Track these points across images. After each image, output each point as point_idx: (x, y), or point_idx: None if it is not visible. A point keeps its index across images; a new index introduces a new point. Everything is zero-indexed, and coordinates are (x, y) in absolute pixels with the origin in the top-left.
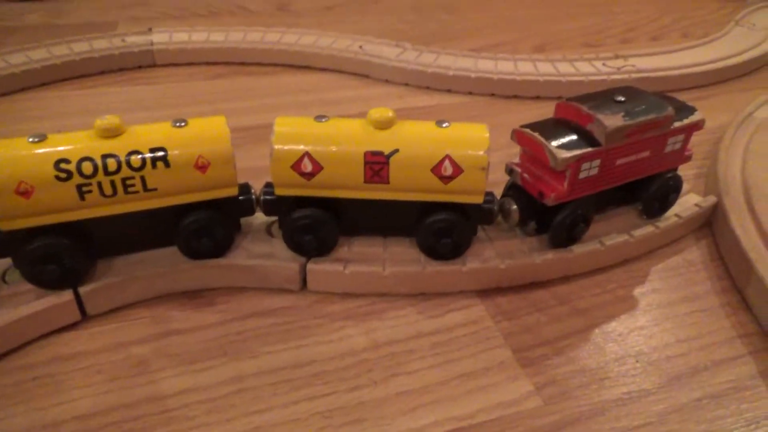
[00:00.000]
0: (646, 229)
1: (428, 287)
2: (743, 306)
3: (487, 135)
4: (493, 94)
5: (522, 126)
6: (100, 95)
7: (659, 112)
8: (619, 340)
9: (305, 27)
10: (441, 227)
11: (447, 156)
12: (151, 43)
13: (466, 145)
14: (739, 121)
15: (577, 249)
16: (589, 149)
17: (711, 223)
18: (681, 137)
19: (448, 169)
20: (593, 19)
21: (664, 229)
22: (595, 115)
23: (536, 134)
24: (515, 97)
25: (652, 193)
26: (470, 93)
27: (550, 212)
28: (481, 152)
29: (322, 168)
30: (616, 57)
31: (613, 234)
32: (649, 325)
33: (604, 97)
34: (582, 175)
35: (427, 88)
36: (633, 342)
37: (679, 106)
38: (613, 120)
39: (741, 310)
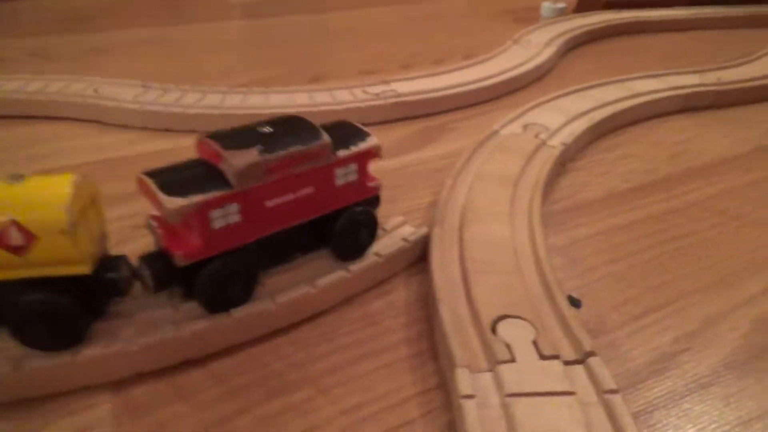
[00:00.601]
0: (334, 276)
1: (30, 391)
2: (433, 354)
3: (69, 190)
4: None
5: (145, 171)
6: None
7: (307, 143)
8: (283, 420)
9: (60, 73)
10: (33, 309)
11: (12, 222)
12: None
13: (39, 206)
14: (481, 140)
15: (239, 312)
16: (215, 193)
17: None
18: (353, 167)
19: (16, 238)
20: (376, 49)
21: (359, 272)
22: (223, 152)
23: (150, 181)
24: None
25: (337, 232)
26: None
27: (195, 273)
28: (57, 213)
29: None
30: (381, 83)
31: (293, 287)
32: (331, 388)
33: (248, 129)
34: (217, 225)
35: (166, 130)
36: (306, 415)
37: (350, 134)
38: (244, 157)
39: (429, 361)
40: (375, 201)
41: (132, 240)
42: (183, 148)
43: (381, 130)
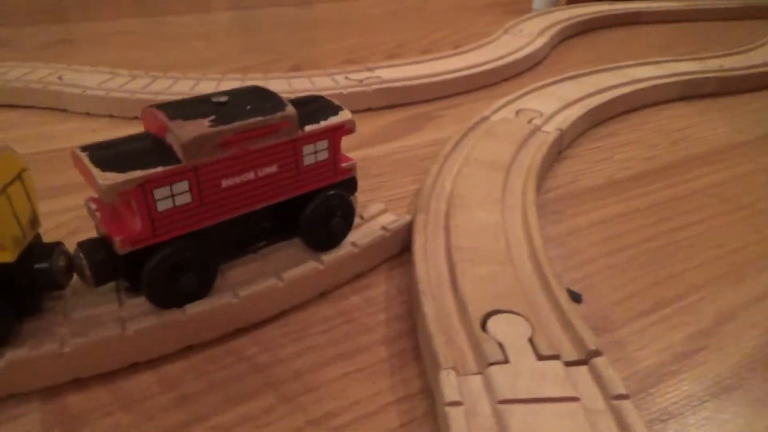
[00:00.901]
0: (305, 268)
1: None
2: (416, 354)
3: None
4: None
5: (80, 146)
6: None
7: (267, 113)
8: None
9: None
10: None
11: None
12: None
13: None
14: (470, 126)
15: (194, 308)
16: (158, 169)
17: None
18: (323, 145)
19: None
20: (362, 38)
21: (333, 264)
22: (169, 123)
23: (84, 155)
24: None
25: (308, 218)
26: None
27: (142, 262)
28: None
29: None
30: (366, 69)
31: (258, 280)
32: (297, 395)
33: (201, 100)
34: (164, 206)
35: (135, 118)
36: (266, 427)
37: (320, 108)
38: (192, 128)
39: (411, 362)
40: (351, 184)
41: (87, 231)
42: None
43: (364, 117)
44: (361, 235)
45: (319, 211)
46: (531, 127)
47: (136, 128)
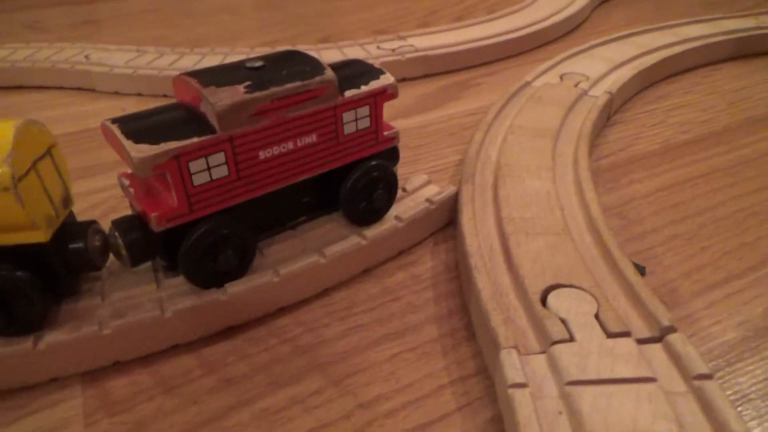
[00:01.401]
0: (347, 244)
1: None
2: (468, 334)
3: (9, 137)
4: None
5: (110, 119)
6: None
7: (305, 78)
8: (288, 416)
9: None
10: None
11: None
12: None
13: None
14: (512, 92)
15: (234, 287)
16: (193, 140)
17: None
18: (364, 111)
19: None
20: (391, 7)
21: (376, 239)
22: (203, 90)
23: (115, 127)
24: None
25: (349, 191)
26: None
27: (179, 240)
28: None
29: None
30: (398, 38)
31: (299, 257)
32: (345, 377)
33: (235, 66)
34: (200, 180)
35: (164, 95)
36: (315, 411)
37: (360, 72)
38: (227, 95)
39: (464, 342)
40: (393, 154)
41: (121, 210)
42: None
43: (399, 87)
44: (405, 208)
45: (361, 184)
46: (577, 91)
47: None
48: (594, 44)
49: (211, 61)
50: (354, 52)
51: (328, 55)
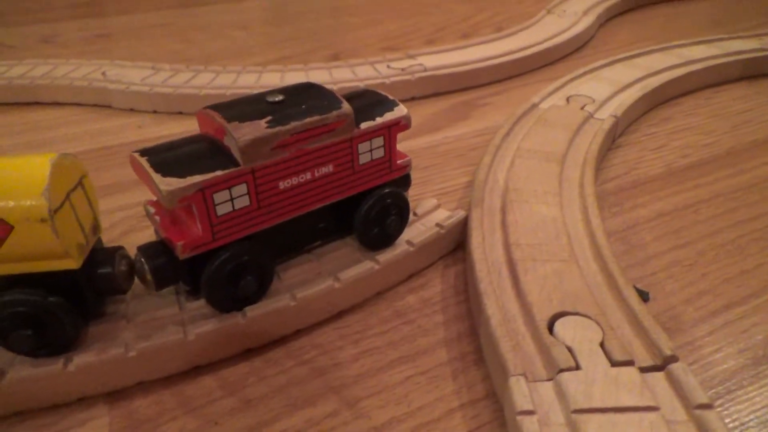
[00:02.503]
0: (361, 268)
1: (15, 404)
2: (478, 357)
3: (47, 171)
4: None
5: (139, 150)
6: None
7: (324, 112)
8: None
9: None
10: (15, 311)
11: None
12: None
13: (12, 191)
14: (519, 114)
15: (253, 311)
16: (217, 173)
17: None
18: (379, 142)
19: None
20: (398, 23)
21: (389, 264)
22: (227, 125)
23: (143, 159)
24: None
25: (364, 218)
26: None
27: (201, 266)
28: (34, 198)
29: None
30: (407, 57)
31: (314, 281)
32: (359, 399)
33: (256, 99)
34: (223, 210)
35: (179, 113)
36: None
37: (374, 102)
38: (250, 129)
39: (473, 366)
40: (405, 181)
41: (140, 231)
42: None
43: (408, 107)
44: (416, 233)
45: (374, 211)
46: (584, 114)
47: (180, 123)
48: (599, 65)
49: (225, 79)
50: (365, 71)
51: (340, 74)
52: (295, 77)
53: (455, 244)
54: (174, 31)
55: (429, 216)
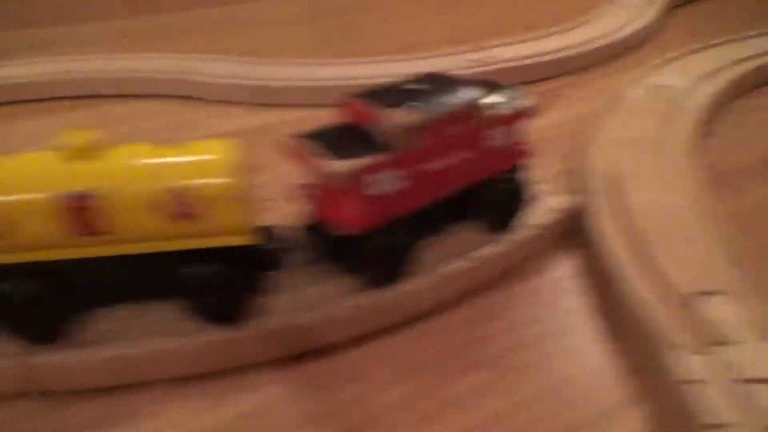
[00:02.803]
0: (488, 249)
1: (198, 366)
2: (614, 335)
3: (235, 153)
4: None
5: (292, 136)
6: None
7: (464, 99)
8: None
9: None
10: (197, 283)
11: (173, 188)
12: None
13: (203, 171)
14: (605, 104)
15: (403, 287)
16: (378, 156)
17: (581, 230)
18: (504, 130)
19: (180, 206)
20: (460, 15)
21: (512, 245)
22: (380, 111)
23: (309, 143)
24: None
25: (488, 202)
26: (317, 105)
27: (356, 244)
28: (224, 178)
29: None
30: (481, 49)
31: (449, 260)
32: (508, 371)
33: (394, 89)
34: (378, 191)
35: (263, 104)
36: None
37: (500, 91)
38: (406, 115)
39: (611, 342)
40: (524, 167)
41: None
42: (286, 122)
43: None
44: (534, 216)
45: (499, 195)
46: (670, 103)
47: (270, 113)
48: (677, 55)
49: (301, 71)
50: (442, 63)
51: (420, 66)
52: (374, 70)
53: (567, 229)
54: (234, 26)
55: (544, 201)
